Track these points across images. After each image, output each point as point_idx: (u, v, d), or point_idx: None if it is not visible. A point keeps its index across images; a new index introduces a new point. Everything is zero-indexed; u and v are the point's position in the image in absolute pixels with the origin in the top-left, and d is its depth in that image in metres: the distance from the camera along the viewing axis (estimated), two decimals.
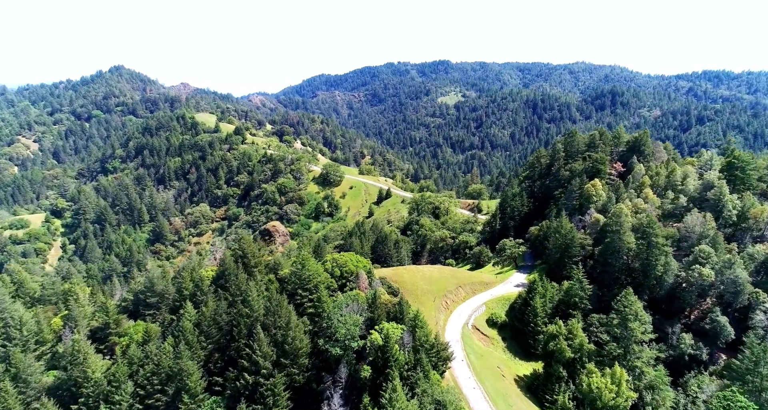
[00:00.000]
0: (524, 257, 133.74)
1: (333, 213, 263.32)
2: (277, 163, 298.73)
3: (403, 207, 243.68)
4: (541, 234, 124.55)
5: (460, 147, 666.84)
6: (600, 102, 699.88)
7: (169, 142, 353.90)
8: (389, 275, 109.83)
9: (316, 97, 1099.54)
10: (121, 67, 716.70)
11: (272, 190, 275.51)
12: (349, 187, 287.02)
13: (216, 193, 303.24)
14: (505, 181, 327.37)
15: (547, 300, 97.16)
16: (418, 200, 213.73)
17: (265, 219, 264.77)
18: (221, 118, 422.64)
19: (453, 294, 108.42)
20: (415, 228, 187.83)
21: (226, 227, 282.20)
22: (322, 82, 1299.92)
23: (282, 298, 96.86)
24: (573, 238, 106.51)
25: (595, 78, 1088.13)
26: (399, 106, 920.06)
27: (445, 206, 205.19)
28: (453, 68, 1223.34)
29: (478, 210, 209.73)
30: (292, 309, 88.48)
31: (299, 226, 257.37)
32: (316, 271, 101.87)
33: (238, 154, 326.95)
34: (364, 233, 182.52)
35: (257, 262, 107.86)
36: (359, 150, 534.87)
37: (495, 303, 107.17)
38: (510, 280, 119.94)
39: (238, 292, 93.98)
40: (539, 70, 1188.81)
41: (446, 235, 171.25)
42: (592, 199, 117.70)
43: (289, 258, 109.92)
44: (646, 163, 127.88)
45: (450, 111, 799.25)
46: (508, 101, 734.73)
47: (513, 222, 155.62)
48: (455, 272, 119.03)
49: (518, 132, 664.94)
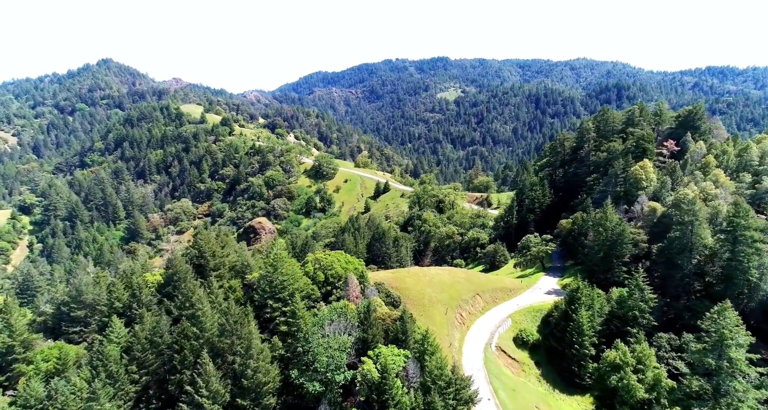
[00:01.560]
0: (551, 257, 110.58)
1: (325, 208, 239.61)
2: (266, 155, 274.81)
3: (403, 201, 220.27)
4: (575, 229, 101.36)
5: (461, 142, 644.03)
6: (605, 96, 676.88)
7: (151, 134, 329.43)
8: (388, 280, 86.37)
9: (313, 93, 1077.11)
10: (109, 60, 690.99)
11: (259, 184, 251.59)
12: (344, 181, 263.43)
13: (199, 187, 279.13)
14: (512, 174, 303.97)
15: (595, 313, 73.89)
16: (420, 193, 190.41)
17: (251, 215, 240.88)
18: (208, 109, 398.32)
19: (469, 305, 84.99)
20: (417, 223, 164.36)
21: (209, 224, 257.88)
22: (319, 79, 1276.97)
23: (246, 311, 73.31)
24: (622, 233, 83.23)
25: (596, 74, 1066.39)
26: (397, 102, 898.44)
27: (451, 199, 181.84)
28: (452, 65, 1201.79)
29: (487, 204, 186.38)
30: (255, 329, 64.94)
31: (288, 223, 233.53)
32: (293, 275, 78.40)
33: (224, 145, 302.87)
34: (359, 229, 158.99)
35: (218, 264, 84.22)
36: (356, 145, 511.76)
37: (523, 316, 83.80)
38: (538, 286, 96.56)
39: (187, 304, 70.45)
40: (539, 67, 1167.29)
41: (453, 231, 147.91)
42: (641, 184, 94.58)
43: (266, 257, 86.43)
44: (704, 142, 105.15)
45: (450, 106, 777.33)
46: (509, 96, 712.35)
47: (533, 216, 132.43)
48: (470, 275, 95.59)
49: (521, 127, 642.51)
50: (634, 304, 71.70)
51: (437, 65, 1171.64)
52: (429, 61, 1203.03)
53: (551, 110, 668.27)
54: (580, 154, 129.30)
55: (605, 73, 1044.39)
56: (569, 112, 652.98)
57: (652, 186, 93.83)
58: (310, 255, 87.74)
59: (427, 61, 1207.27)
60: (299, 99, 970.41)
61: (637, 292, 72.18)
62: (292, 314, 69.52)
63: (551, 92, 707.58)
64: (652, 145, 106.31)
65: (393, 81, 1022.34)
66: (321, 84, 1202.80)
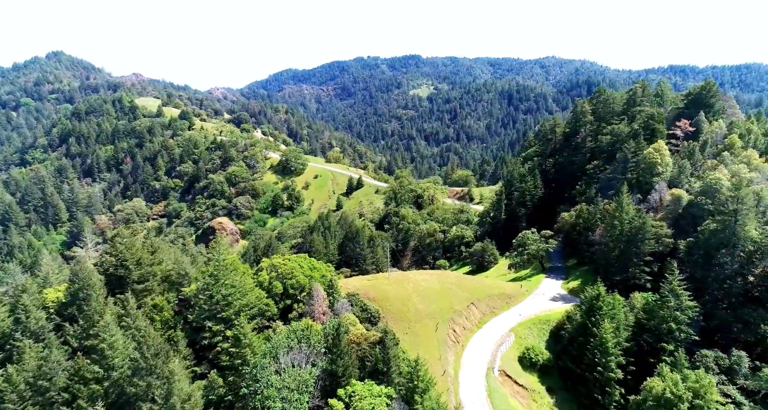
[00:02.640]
0: (550, 256, 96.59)
1: (294, 206, 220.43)
2: (228, 150, 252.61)
3: (378, 198, 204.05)
4: (579, 223, 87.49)
5: (435, 139, 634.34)
6: (575, 93, 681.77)
7: (101, 128, 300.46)
8: (364, 289, 69.75)
9: (283, 91, 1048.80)
10: (60, 53, 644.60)
11: (220, 181, 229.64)
12: (314, 177, 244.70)
13: (154, 185, 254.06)
14: (490, 168, 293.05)
15: (621, 325, 59.57)
16: (397, 188, 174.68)
17: (211, 214, 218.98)
18: (167, 103, 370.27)
19: (464, 317, 69.35)
20: (395, 221, 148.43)
21: (164, 225, 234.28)
22: (289, 76, 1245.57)
23: (176, 337, 55.56)
24: (643, 227, 69.51)
25: (565, 72, 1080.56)
26: (369, 99, 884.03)
27: (430, 194, 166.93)
28: (424, 63, 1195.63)
29: (469, 198, 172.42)
30: (178, 366, 47.17)
31: (252, 223, 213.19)
32: (241, 288, 60.78)
33: (183, 140, 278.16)
34: (330, 228, 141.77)
35: (145, 275, 65.49)
36: (327, 141, 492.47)
37: (528, 330, 68.87)
38: (540, 290, 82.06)
39: (91, 332, 51.88)
40: (510, 65, 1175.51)
41: (435, 229, 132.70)
42: (656, 169, 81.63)
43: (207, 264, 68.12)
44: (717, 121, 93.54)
45: (423, 103, 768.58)
46: (482, 92, 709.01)
47: (524, 210, 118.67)
48: (462, 280, 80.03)
49: (494, 123, 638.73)
50: (669, 314, 57.76)
51: (409, 63, 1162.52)
52: (401, 59, 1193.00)
53: (524, 106, 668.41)
54: (575, 141, 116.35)
55: (573, 70, 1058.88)
56: (541, 108, 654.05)
57: (669, 171, 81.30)
58: (266, 260, 70.14)
59: (398, 59, 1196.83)
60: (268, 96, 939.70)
61: (672, 299, 58.23)
62: (236, 341, 52.01)
63: (523, 89, 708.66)
64: (662, 125, 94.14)
65: (365, 78, 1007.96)
66: (291, 81, 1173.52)
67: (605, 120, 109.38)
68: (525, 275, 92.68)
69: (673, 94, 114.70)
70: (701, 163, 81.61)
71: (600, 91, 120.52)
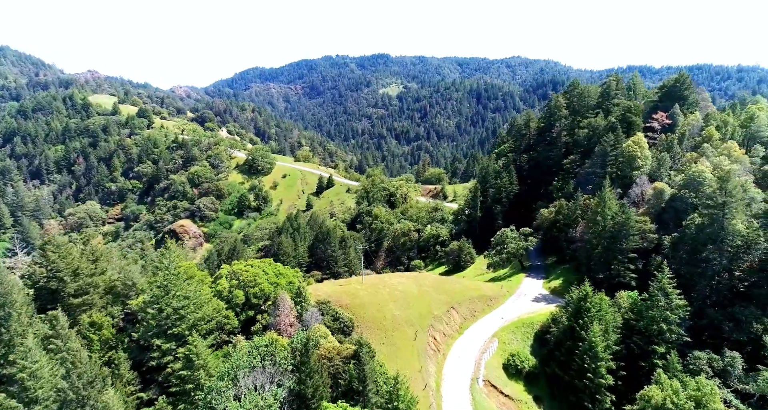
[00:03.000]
0: (529, 254, 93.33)
1: (261, 207, 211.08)
2: (191, 149, 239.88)
3: (349, 197, 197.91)
4: (559, 220, 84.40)
5: (405, 138, 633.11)
6: (542, 91, 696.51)
7: (50, 127, 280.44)
8: (336, 295, 63.78)
9: (249, 89, 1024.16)
10: (5, 48, 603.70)
11: (182, 181, 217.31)
12: (282, 176, 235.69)
13: (109, 187, 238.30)
14: (462, 166, 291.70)
15: (610, 328, 56.12)
16: (368, 186, 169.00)
17: (172, 217, 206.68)
18: (123, 100, 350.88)
19: (444, 323, 64.47)
20: (367, 220, 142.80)
21: (122, 229, 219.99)
22: (256, 75, 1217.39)
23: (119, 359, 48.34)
24: (627, 222, 66.61)
25: (531, 71, 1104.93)
26: (339, 98, 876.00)
27: (403, 192, 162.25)
28: (393, 62, 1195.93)
29: (443, 196, 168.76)
30: (116, 397, 40.02)
31: (217, 225, 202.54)
32: (196, 299, 53.78)
33: (141, 140, 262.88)
34: (299, 229, 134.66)
35: (84, 287, 57.25)
36: (296, 140, 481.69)
37: (511, 334, 64.70)
38: (521, 291, 78.33)
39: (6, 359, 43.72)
40: (477, 64, 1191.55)
41: (409, 228, 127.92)
42: (636, 162, 79.48)
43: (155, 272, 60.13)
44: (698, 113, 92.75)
45: (393, 102, 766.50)
46: (451, 91, 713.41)
47: (500, 207, 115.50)
48: (440, 283, 75.16)
49: (464, 122, 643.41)
50: (659, 314, 54.72)
51: (378, 62, 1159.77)
52: (369, 58, 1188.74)
53: (492, 105, 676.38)
54: (550, 135, 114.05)
55: (539, 70, 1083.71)
56: (509, 106, 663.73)
57: (648, 165, 79.35)
58: (225, 267, 63.04)
59: (367, 58, 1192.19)
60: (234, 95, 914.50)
61: (661, 298, 55.20)
62: (187, 362, 45.10)
63: (491, 87, 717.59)
64: (639, 118, 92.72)
65: (334, 77, 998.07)
66: (258, 80, 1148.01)
67: (580, 114, 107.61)
68: (504, 275, 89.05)
69: (644, 89, 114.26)
70: (680, 155, 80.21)
71: (574, 85, 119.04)
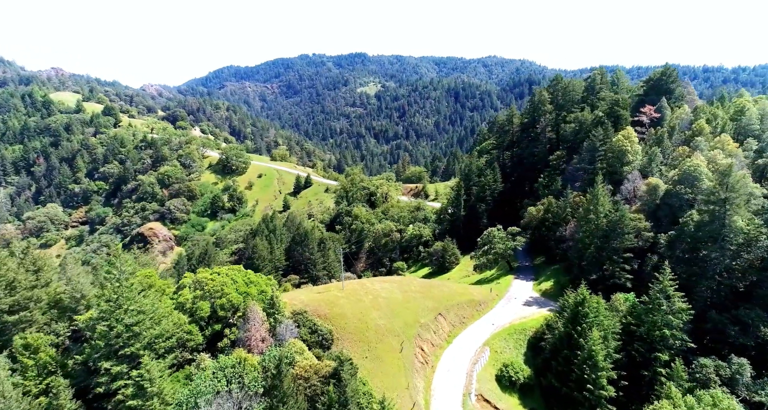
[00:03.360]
0: (516, 254, 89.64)
1: (236, 208, 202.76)
2: (160, 148, 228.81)
3: (328, 197, 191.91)
4: (548, 218, 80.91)
5: (384, 137, 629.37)
6: (519, 90, 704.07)
7: (7, 126, 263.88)
8: (314, 304, 58.28)
9: (224, 88, 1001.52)
10: None
11: (151, 182, 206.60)
12: (258, 176, 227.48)
13: (73, 188, 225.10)
14: (442, 164, 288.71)
15: (609, 334, 52.42)
16: (348, 185, 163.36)
17: (141, 220, 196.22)
18: (88, 98, 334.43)
19: (431, 331, 59.80)
20: (347, 221, 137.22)
21: (86, 233, 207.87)
22: (231, 73, 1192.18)
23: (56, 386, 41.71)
24: (621, 220, 63.31)
25: (507, 71, 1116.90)
26: (316, 97, 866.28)
27: (384, 191, 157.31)
28: (370, 61, 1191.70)
29: (424, 195, 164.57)
30: None
31: (189, 227, 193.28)
32: (153, 314, 47.49)
33: (108, 139, 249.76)
34: (275, 231, 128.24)
35: (22, 302, 50.09)
36: (273, 139, 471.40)
37: (503, 342, 60.51)
38: (511, 294, 74.37)
39: None
40: (454, 64, 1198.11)
41: (391, 228, 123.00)
42: (627, 157, 76.61)
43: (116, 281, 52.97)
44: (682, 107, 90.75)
45: (371, 100, 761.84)
46: (429, 90, 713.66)
47: (484, 206, 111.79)
48: (426, 287, 70.36)
49: (442, 120, 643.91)
50: (661, 319, 51.29)
51: (355, 61, 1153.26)
52: (347, 57, 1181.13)
53: (470, 104, 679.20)
54: (534, 131, 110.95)
55: (515, 70, 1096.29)
56: (487, 105, 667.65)
57: (639, 160, 76.66)
58: (188, 275, 56.73)
59: (344, 57, 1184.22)
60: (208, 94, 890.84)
61: (663, 301, 51.77)
62: (139, 389, 38.95)
63: (469, 86, 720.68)
64: (627, 111, 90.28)
65: (311, 76, 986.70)
66: (233, 79, 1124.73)
67: (565, 108, 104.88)
68: (492, 276, 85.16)
69: (628, 84, 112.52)
70: (671, 150, 77.88)
71: (557, 80, 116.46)
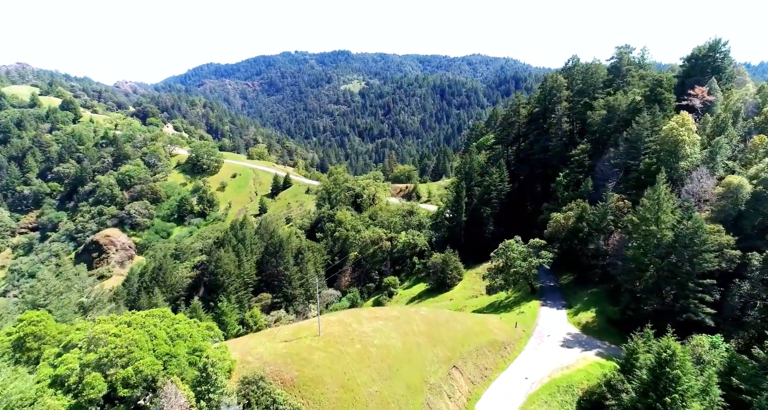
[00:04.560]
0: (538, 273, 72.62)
1: (206, 211, 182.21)
2: (122, 146, 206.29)
3: (309, 198, 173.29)
4: (581, 228, 64.27)
5: (369, 135, 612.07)
6: (504, 88, 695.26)
7: None
8: (277, 363, 40.02)
9: (203, 85, 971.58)
10: None
11: (110, 183, 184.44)
12: (232, 176, 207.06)
13: (22, 190, 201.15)
14: (431, 163, 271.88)
15: (713, 405, 35.72)
16: (331, 186, 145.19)
17: (97, 225, 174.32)
18: (47, 92, 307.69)
19: (445, 396, 42.48)
20: (329, 227, 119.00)
21: (36, 241, 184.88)
22: (210, 71, 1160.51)
23: None
24: (698, 233, 46.81)
25: (491, 69, 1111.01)
26: (299, 94, 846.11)
27: (371, 192, 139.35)
28: (353, 58, 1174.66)
29: (416, 196, 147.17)
30: None
31: (152, 234, 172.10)
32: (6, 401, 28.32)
33: (64, 136, 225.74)
34: (244, 241, 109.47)
35: None
36: (252, 137, 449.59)
37: (544, 407, 43.32)
38: (542, 329, 57.25)
39: None
40: (439, 62, 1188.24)
41: (380, 236, 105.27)
42: (683, 150, 60.51)
43: None
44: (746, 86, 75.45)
45: (355, 98, 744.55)
46: (414, 87, 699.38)
47: (489, 210, 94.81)
48: (432, 326, 52.33)
49: (428, 118, 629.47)
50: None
51: (339, 58, 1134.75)
52: (330, 54, 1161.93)
53: (456, 101, 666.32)
54: (547, 122, 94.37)
55: (499, 68, 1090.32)
56: (473, 102, 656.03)
57: (697, 153, 60.74)
58: (81, 326, 37.98)
59: (328, 54, 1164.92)
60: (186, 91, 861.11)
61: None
62: None
63: (455, 84, 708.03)
64: (671, 94, 74.19)
65: (293, 73, 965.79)
66: (213, 76, 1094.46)
67: (587, 94, 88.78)
68: (509, 300, 68.18)
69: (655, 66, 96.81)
70: (737, 140, 62.43)
71: (574, 63, 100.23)
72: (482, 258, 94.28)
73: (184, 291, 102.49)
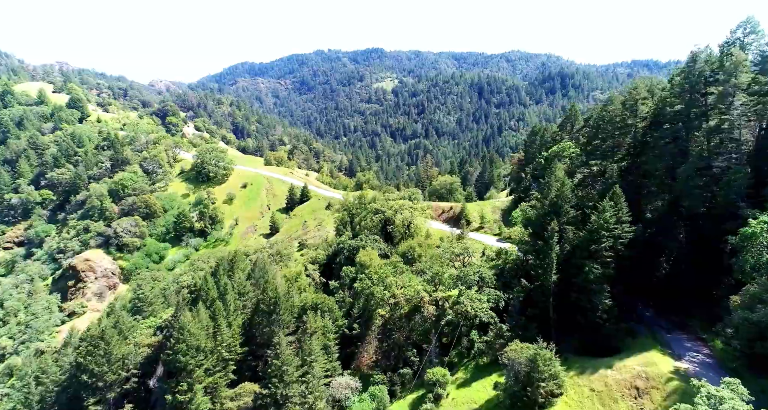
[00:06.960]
0: None
1: (207, 230, 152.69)
2: (121, 149, 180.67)
3: (329, 216, 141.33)
4: None
5: (402, 135, 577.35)
6: (549, 85, 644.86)
7: None
8: None
9: (236, 84, 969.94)
10: None
11: (100, 193, 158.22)
12: (242, 186, 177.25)
13: (10, 198, 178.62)
14: (474, 170, 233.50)
15: None
16: (354, 205, 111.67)
17: (80, 245, 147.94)
18: (60, 89, 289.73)
19: None
20: (348, 273, 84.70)
21: (20, 258, 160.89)
22: (245, 70, 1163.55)
23: None
24: None
25: (532, 66, 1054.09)
26: (330, 93, 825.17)
27: (405, 217, 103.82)
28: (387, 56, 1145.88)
29: (466, 221, 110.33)
30: None
31: (141, 257, 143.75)
32: None
33: (63, 136, 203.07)
34: (225, 294, 77.15)
35: None
36: (278, 138, 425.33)
37: None
38: None
39: None
40: (475, 59, 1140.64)
41: (423, 297, 70.26)
42: None
43: None
44: None
45: (388, 96, 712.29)
46: (451, 85, 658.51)
47: (600, 269, 57.95)
48: None
49: (465, 118, 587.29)
50: None
51: (372, 56, 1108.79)
52: (363, 52, 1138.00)
53: (496, 100, 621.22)
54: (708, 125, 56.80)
55: (540, 64, 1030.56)
56: (515, 101, 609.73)
57: None
58: None
59: (361, 52, 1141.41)
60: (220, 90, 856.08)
61: None
62: None
63: (494, 81, 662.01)
64: None
65: (325, 71, 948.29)
66: (247, 75, 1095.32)
67: None
68: None
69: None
70: None
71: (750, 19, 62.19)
72: (590, 349, 58.52)
73: (137, 369, 71.19)
